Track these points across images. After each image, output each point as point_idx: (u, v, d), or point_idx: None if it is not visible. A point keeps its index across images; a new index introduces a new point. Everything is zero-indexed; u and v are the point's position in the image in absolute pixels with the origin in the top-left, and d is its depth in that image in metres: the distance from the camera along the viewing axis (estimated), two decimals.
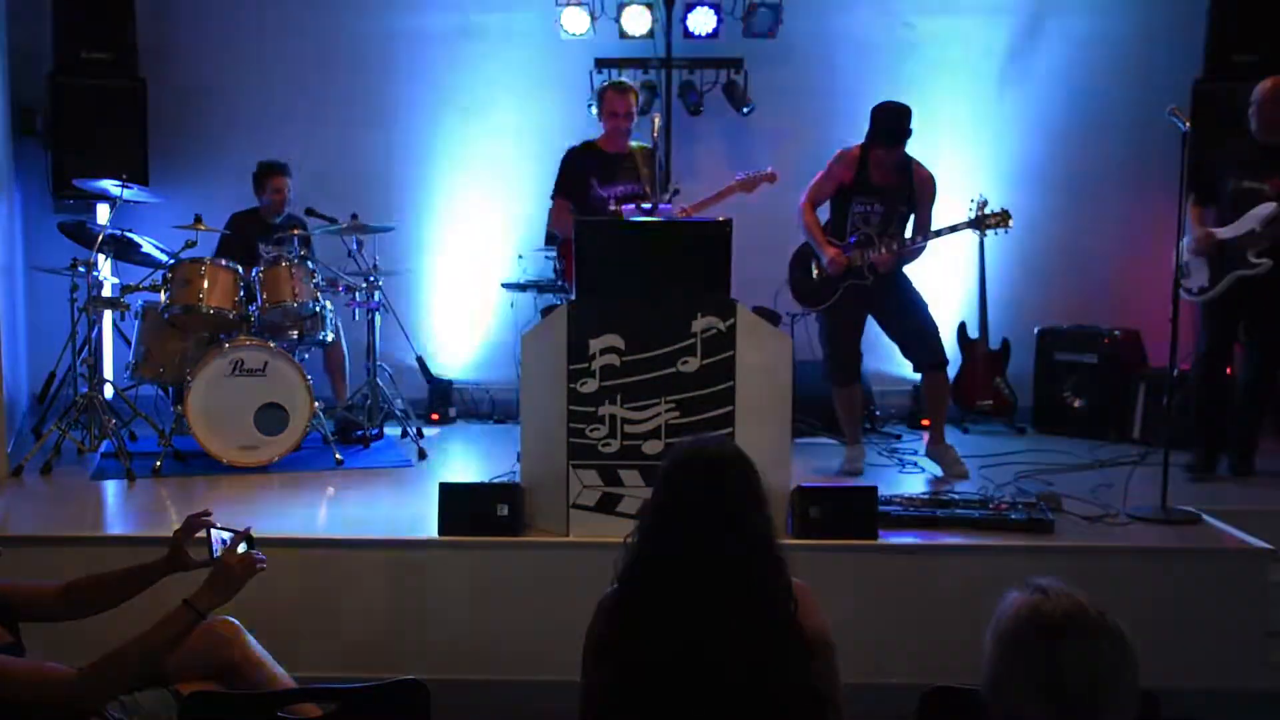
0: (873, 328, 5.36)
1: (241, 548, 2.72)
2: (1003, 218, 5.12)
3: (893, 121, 5.06)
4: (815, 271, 5.26)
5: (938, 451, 5.33)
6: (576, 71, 6.74)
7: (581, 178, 5.35)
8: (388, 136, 6.87)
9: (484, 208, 6.93)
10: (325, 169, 6.58)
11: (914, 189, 5.18)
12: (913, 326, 5.23)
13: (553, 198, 5.48)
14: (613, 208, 5.22)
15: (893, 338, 5.34)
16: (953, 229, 5.13)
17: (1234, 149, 5.16)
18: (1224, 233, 5.08)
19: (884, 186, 5.15)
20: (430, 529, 4.19)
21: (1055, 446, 5.91)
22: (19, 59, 6.26)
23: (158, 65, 6.57)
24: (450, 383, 6.80)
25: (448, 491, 4.18)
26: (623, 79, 5.66)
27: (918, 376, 5.57)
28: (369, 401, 5.96)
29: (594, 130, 5.63)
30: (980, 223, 5.12)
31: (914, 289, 5.28)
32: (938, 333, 5.29)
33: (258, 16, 6.76)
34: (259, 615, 3.01)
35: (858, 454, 5.39)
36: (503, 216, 6.87)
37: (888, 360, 6.05)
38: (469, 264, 6.95)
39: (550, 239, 6.26)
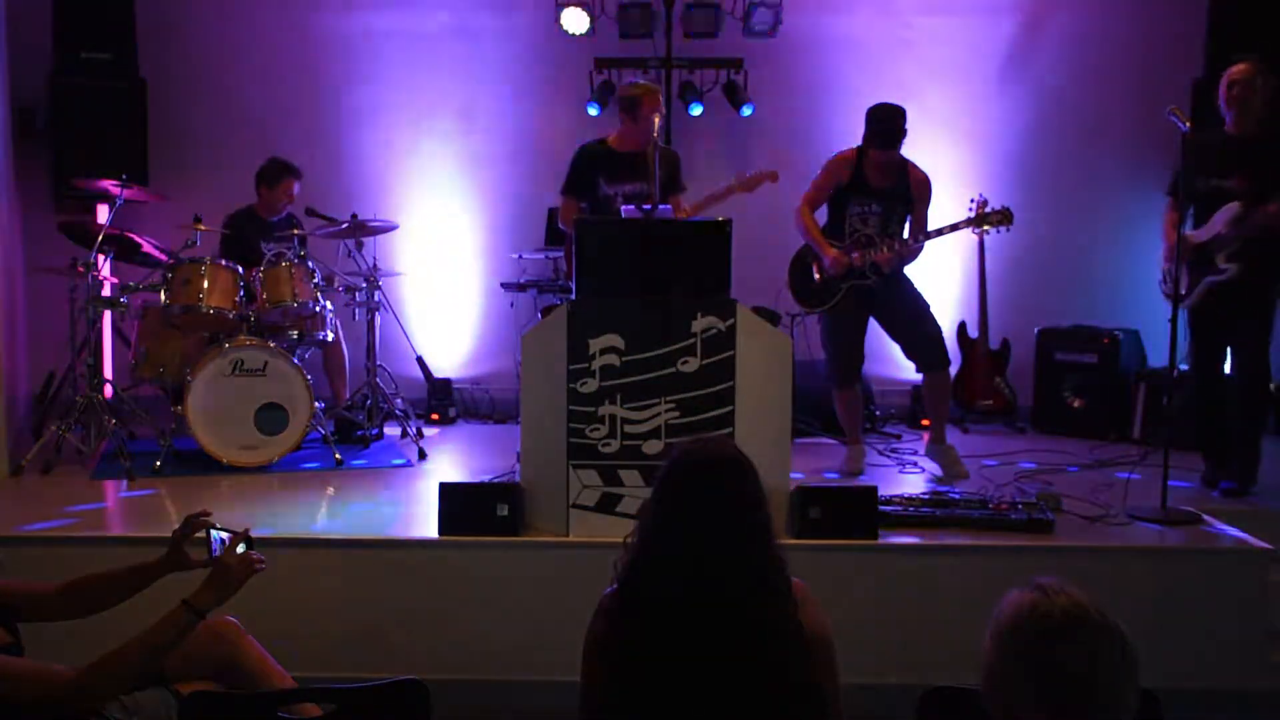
0: (873, 328, 5.36)
1: (240, 548, 2.72)
2: (1004, 216, 5.11)
3: (889, 123, 5.08)
4: (816, 273, 5.27)
5: (938, 451, 5.33)
6: (576, 71, 6.74)
7: (590, 176, 5.34)
8: (387, 136, 6.87)
9: (484, 208, 6.93)
10: (325, 169, 6.58)
11: (910, 190, 5.18)
12: (916, 327, 5.23)
13: (561, 195, 5.46)
14: (620, 205, 5.22)
15: (895, 338, 5.34)
16: (954, 227, 5.13)
17: (1205, 146, 4.88)
18: (1197, 237, 4.91)
19: (881, 188, 5.16)
20: (430, 529, 4.19)
21: (1055, 446, 5.91)
22: (19, 59, 6.25)
23: (158, 65, 6.58)
24: (450, 383, 6.80)
25: (448, 491, 4.18)
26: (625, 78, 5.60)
27: (918, 376, 5.58)
28: (369, 401, 5.96)
29: (594, 131, 5.62)
30: (982, 220, 5.13)
31: (916, 289, 5.28)
32: (940, 333, 5.30)
33: (257, 17, 6.77)
34: (259, 615, 3.00)
35: (858, 454, 5.39)
36: (503, 216, 6.88)
37: (888, 360, 6.06)
38: (469, 264, 6.96)
39: (558, 237, 6.24)
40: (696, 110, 6.76)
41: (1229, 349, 5.04)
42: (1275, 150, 4.72)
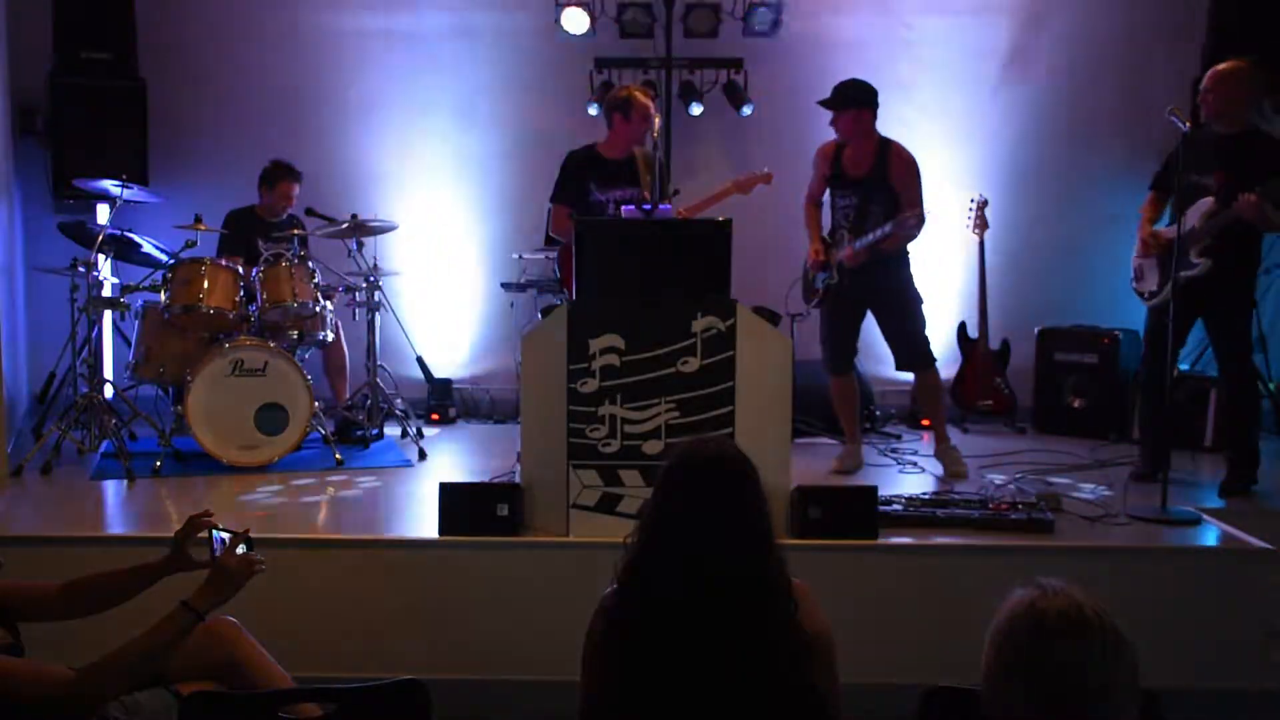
0: (872, 325, 5.37)
1: (240, 549, 2.71)
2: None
3: (844, 87, 5.12)
4: (809, 270, 5.35)
5: (940, 451, 5.33)
6: (576, 71, 6.74)
7: (580, 183, 5.35)
8: (388, 136, 6.87)
9: (484, 208, 6.93)
10: (325, 169, 6.57)
11: (890, 175, 5.11)
12: (896, 327, 5.25)
13: (551, 202, 5.48)
14: (611, 212, 5.24)
15: (883, 334, 5.35)
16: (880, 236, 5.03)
17: (1190, 142, 4.83)
18: (1170, 232, 4.87)
19: (857, 178, 5.17)
20: (430, 529, 4.19)
21: (1055, 446, 5.91)
22: (19, 59, 6.26)
23: (158, 65, 6.57)
24: (450, 383, 6.80)
25: (448, 491, 4.18)
26: (625, 78, 5.64)
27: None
28: (369, 401, 5.96)
29: (594, 131, 5.62)
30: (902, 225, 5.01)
31: (906, 287, 5.24)
32: (922, 335, 5.27)
33: (257, 16, 6.76)
34: (259, 615, 3.00)
35: (852, 453, 5.39)
36: (502, 216, 6.87)
37: (888, 360, 6.04)
38: (469, 264, 6.95)
39: (550, 242, 6.26)
40: (696, 110, 6.75)
41: (1213, 348, 5.03)
42: (1254, 147, 4.71)
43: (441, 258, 6.95)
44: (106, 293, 5.75)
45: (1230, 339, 4.94)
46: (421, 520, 4.34)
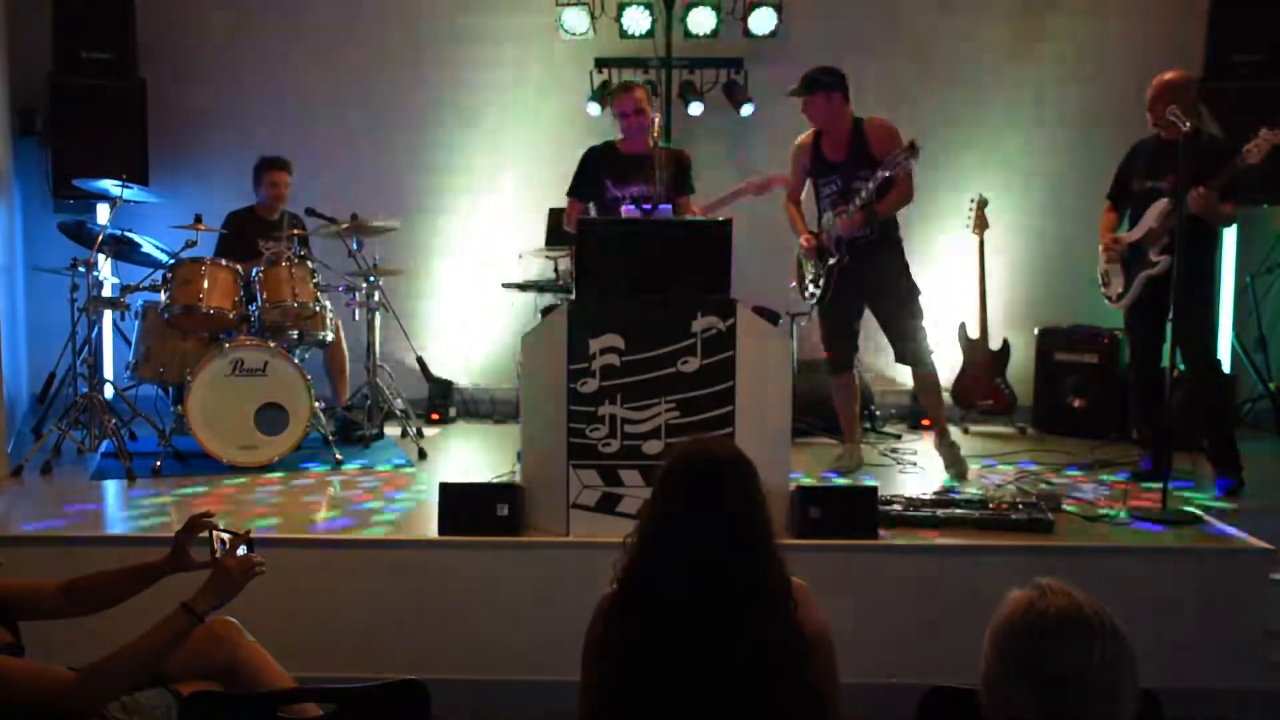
0: (871, 324, 5.37)
1: (241, 550, 2.71)
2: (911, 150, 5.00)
3: (813, 74, 5.12)
4: (808, 265, 5.32)
5: (941, 447, 5.33)
6: (576, 71, 6.74)
7: (597, 178, 5.35)
8: (388, 136, 6.87)
9: (484, 208, 6.93)
10: (325, 169, 6.58)
11: (871, 150, 5.08)
12: (893, 318, 5.26)
13: (568, 197, 5.48)
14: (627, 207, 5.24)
15: (881, 327, 5.36)
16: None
17: (1140, 150, 5.16)
18: (1130, 236, 5.08)
19: (838, 161, 5.17)
20: (430, 529, 4.19)
21: (1055, 446, 5.91)
22: (19, 59, 6.26)
23: (158, 65, 6.57)
24: (450, 383, 6.80)
25: (448, 491, 4.18)
26: (625, 78, 5.64)
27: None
28: (369, 401, 5.96)
29: (594, 130, 5.62)
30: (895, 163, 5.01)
31: (901, 278, 5.24)
32: (915, 330, 5.26)
33: (257, 16, 6.76)
34: (259, 615, 3.00)
35: (849, 452, 5.39)
36: (503, 216, 6.87)
37: (888, 359, 6.05)
38: (469, 264, 6.95)
39: (563, 238, 6.25)
40: (696, 110, 6.75)
41: (1177, 346, 5.04)
42: (1199, 147, 4.75)
43: (441, 258, 6.95)
44: (106, 293, 5.74)
45: (1191, 336, 4.94)
46: (421, 520, 4.34)
